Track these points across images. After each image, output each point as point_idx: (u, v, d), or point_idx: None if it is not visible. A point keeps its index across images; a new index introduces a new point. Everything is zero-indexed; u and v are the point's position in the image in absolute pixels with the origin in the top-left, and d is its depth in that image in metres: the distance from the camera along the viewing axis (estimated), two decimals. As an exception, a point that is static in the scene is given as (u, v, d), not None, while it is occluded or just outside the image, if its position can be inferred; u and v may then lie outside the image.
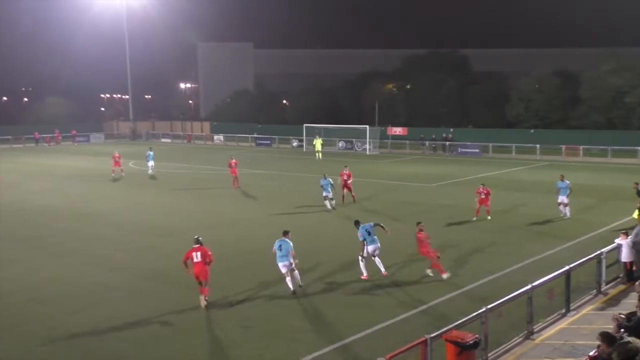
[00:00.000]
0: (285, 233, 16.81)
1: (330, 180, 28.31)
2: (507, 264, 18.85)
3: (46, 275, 18.25)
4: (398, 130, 67.81)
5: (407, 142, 63.23)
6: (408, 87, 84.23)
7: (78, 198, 32.60)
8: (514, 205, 29.43)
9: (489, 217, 25.94)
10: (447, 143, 61.11)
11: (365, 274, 17.55)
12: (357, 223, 18.22)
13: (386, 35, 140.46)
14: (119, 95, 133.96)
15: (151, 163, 41.89)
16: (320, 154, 56.67)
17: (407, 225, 24.74)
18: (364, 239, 17.59)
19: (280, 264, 16.32)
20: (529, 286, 12.87)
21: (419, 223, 18.04)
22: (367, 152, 60.92)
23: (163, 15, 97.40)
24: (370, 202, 30.28)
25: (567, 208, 25.97)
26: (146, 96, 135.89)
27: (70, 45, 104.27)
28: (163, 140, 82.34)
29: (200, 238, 15.89)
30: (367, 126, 62.41)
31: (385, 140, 64.47)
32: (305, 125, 65.78)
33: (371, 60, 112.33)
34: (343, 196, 29.41)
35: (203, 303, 15.30)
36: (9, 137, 73.46)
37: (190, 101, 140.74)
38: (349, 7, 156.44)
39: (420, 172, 44.15)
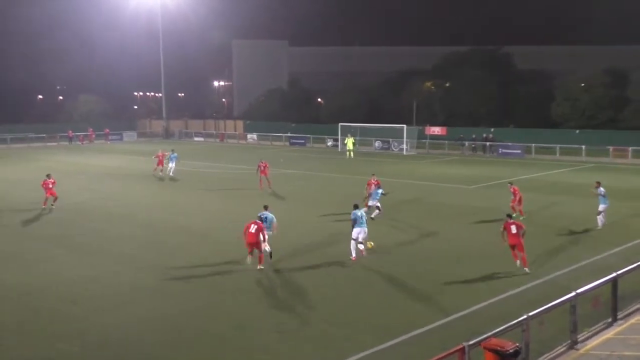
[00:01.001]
0: (266, 207, 20.20)
1: (381, 190, 26.88)
2: (550, 269, 18.50)
3: (77, 274, 18.57)
4: (436, 130, 67.29)
5: (446, 142, 62.71)
6: (447, 85, 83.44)
7: (110, 197, 33.14)
8: (559, 208, 28.91)
9: (522, 217, 25.15)
10: (488, 143, 60.39)
11: (353, 255, 19.39)
12: (355, 207, 20.01)
13: (425, 32, 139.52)
14: (152, 93, 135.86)
15: (172, 165, 41.21)
16: (351, 153, 56.63)
17: (443, 227, 24.52)
18: (355, 220, 19.46)
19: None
20: (573, 293, 12.58)
21: (509, 216, 19.22)
22: (404, 153, 60.61)
23: (197, 12, 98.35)
24: (406, 204, 30.05)
25: (600, 217, 24.37)
26: (179, 94, 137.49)
27: (103, 43, 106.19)
28: (196, 139, 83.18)
29: (262, 215, 19.50)
30: (405, 125, 62.07)
31: (423, 140, 64.04)
32: (340, 124, 65.73)
33: (409, 58, 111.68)
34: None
35: (258, 267, 18.53)
36: (44, 135, 75.19)
37: (223, 99, 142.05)
38: (387, 2, 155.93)
39: (459, 173, 43.70)
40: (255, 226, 18.62)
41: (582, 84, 66.72)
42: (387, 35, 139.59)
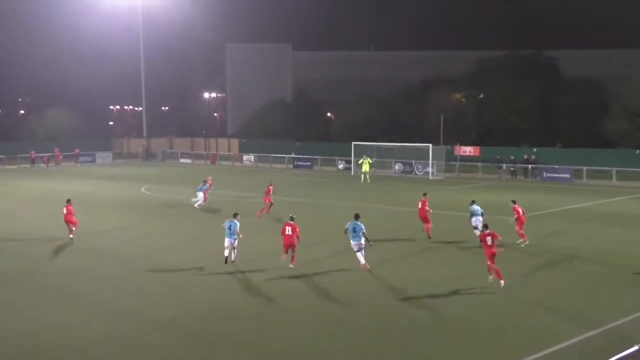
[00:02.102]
0: (235, 215, 25.24)
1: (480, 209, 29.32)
2: (609, 317, 18.33)
3: (42, 321, 18.53)
4: (468, 150, 67.34)
5: (480, 164, 62.68)
6: (481, 96, 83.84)
7: (81, 229, 33.17)
8: (618, 244, 28.71)
9: (521, 242, 28.02)
10: (530, 166, 60.32)
11: (362, 262, 23.89)
12: (357, 216, 24.44)
13: (454, 34, 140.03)
14: (131, 107, 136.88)
15: (201, 195, 41.03)
16: (367, 176, 56.64)
17: (479, 266, 24.42)
18: (347, 230, 24.16)
19: (227, 239, 24.72)
20: (636, 347, 12.48)
21: (485, 226, 22.50)
22: (430, 177, 60.62)
23: (184, 12, 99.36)
24: (434, 239, 29.95)
25: None
26: (163, 108, 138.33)
27: (74, 47, 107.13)
28: (182, 160, 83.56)
29: (293, 216, 24.67)
30: (430, 145, 62.16)
31: (453, 163, 64.05)
32: (353, 143, 65.92)
33: (435, 64, 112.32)
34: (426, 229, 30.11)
35: (290, 265, 23.76)
36: (2, 156, 75.66)
37: (215, 114, 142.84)
38: (408, 1, 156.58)
39: (496, 201, 43.46)
40: (290, 227, 23.75)
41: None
42: (408, 38, 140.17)
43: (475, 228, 28.27)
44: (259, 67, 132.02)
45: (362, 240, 23.75)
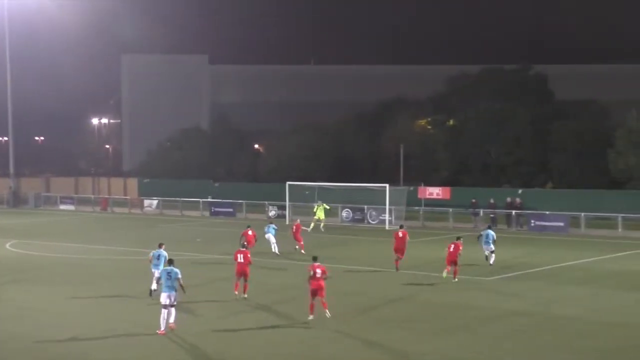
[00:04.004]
0: (171, 262, 25.73)
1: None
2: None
3: None
4: (435, 192, 67.82)
5: (450, 210, 63.01)
6: (451, 123, 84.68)
7: None
8: (628, 314, 28.79)
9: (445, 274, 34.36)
10: (514, 212, 60.90)
11: (161, 328, 24.27)
12: (171, 262, 25.60)
13: (419, 45, 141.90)
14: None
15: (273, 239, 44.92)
16: (321, 225, 56.55)
17: (441, 344, 24.38)
18: (159, 280, 26.31)
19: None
20: None
21: (314, 258, 26.88)
22: (387, 226, 60.66)
23: (66, 15, 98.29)
24: (389, 306, 29.91)
25: None
26: (37, 138, 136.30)
27: None
28: (62, 207, 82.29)
29: (245, 243, 31.33)
30: (387, 185, 62.28)
31: (416, 208, 64.35)
32: (288, 183, 65.74)
33: (394, 83, 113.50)
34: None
35: (243, 296, 29.47)
36: None
37: (107, 146, 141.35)
38: (360, 1, 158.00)
39: (470, 257, 43.65)
40: (242, 255, 29.34)
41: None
42: (360, 50, 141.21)
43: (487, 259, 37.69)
44: (166, 85, 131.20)
45: (175, 293, 24.72)
